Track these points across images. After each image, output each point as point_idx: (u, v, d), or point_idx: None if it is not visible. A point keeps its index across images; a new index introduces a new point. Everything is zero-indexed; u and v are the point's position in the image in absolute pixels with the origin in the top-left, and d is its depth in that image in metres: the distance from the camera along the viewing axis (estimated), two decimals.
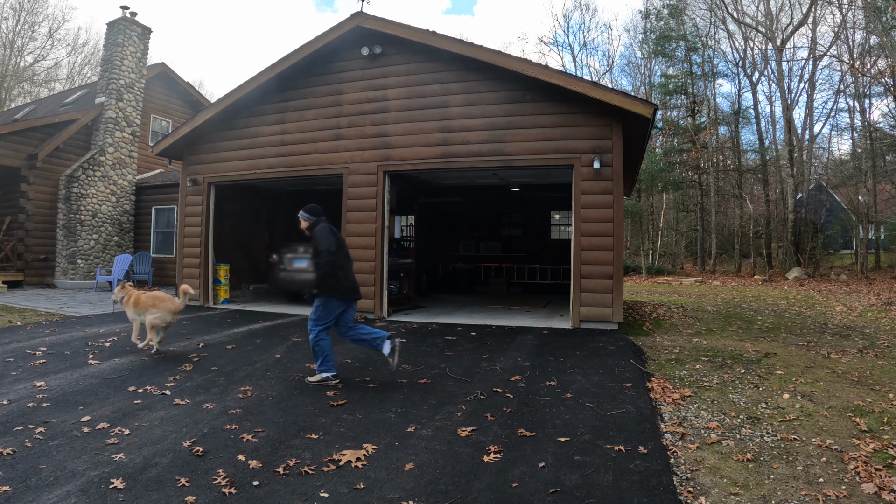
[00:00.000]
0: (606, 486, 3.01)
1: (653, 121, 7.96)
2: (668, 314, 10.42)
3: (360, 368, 5.61)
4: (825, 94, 37.51)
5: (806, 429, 3.95)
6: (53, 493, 2.84)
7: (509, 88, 8.57)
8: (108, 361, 5.69)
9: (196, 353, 6.22)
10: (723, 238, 26.14)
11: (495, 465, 3.30)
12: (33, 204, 14.00)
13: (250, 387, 4.82)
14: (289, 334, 7.42)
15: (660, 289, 17.60)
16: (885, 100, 22.89)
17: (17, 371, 5.23)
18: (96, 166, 14.72)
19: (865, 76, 21.08)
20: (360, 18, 9.06)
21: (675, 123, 26.06)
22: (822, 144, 30.34)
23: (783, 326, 9.05)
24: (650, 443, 3.59)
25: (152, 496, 2.84)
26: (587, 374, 5.35)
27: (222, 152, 10.46)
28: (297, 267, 10.65)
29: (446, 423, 3.98)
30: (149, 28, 15.69)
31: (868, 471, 3.20)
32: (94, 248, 14.72)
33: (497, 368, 5.62)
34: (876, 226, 23.55)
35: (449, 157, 8.84)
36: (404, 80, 9.17)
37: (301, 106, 9.87)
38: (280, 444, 3.56)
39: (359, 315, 9.12)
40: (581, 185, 8.13)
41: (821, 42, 26.68)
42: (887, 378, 5.49)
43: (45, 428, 3.74)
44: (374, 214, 9.20)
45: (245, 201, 11.84)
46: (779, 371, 5.65)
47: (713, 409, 4.42)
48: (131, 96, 15.30)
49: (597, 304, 7.99)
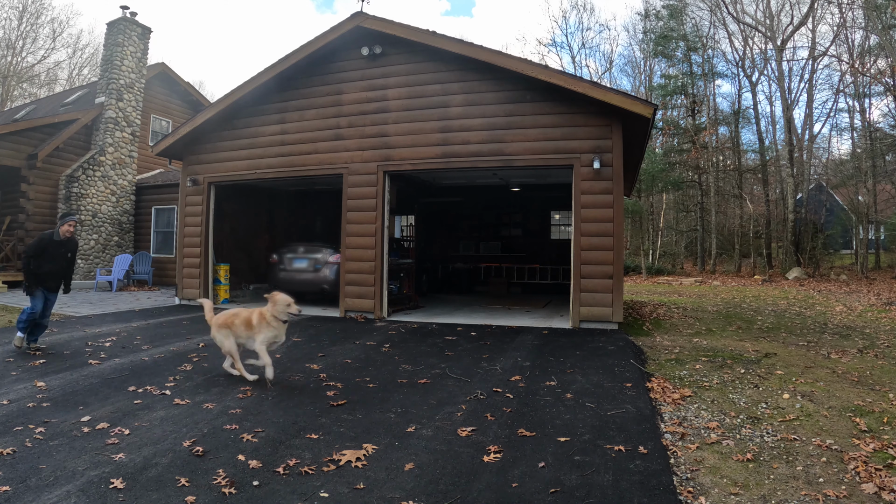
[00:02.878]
0: (606, 486, 3.01)
1: (653, 121, 7.96)
2: (668, 314, 10.42)
3: (360, 368, 5.61)
4: (825, 94, 37.57)
5: (806, 429, 3.95)
6: (53, 493, 2.84)
7: (509, 88, 8.57)
8: (108, 361, 5.69)
9: (196, 353, 6.22)
10: (723, 238, 26.13)
11: (495, 465, 3.30)
12: (33, 204, 14.00)
13: (250, 387, 4.82)
14: (289, 334, 7.38)
15: (660, 289, 17.60)
16: (884, 99, 22.93)
17: (17, 371, 5.23)
18: (96, 166, 14.72)
19: (865, 76, 21.09)
20: (360, 18, 9.05)
21: (675, 123, 26.06)
22: (822, 144, 30.39)
23: (783, 326, 9.05)
24: (650, 443, 3.59)
25: (152, 496, 2.84)
26: (587, 374, 5.35)
27: (222, 152, 10.45)
28: (297, 267, 10.66)
29: (446, 423, 3.98)
30: (149, 28, 15.70)
31: (868, 471, 3.20)
32: (94, 248, 14.72)
33: (497, 368, 5.61)
34: (876, 226, 23.55)
35: (449, 157, 8.83)
36: (404, 80, 9.17)
37: (301, 106, 9.87)
38: (280, 444, 3.55)
39: (359, 315, 9.13)
40: (581, 185, 8.13)
41: (821, 42, 26.71)
42: (887, 378, 5.49)
43: (45, 428, 3.74)
44: (374, 214, 9.20)
45: (245, 201, 11.84)
46: (779, 371, 5.64)
47: (713, 409, 4.42)
48: (131, 96, 15.30)
49: (597, 304, 7.99)
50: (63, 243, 6.09)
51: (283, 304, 4.87)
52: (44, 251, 5.96)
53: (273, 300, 4.92)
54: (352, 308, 9.25)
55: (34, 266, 5.95)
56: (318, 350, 6.45)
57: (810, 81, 24.16)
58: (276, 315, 4.91)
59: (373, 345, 6.80)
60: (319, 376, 5.24)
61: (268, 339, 4.94)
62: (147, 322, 8.40)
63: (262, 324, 4.91)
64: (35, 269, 5.96)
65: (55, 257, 6.05)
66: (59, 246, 6.06)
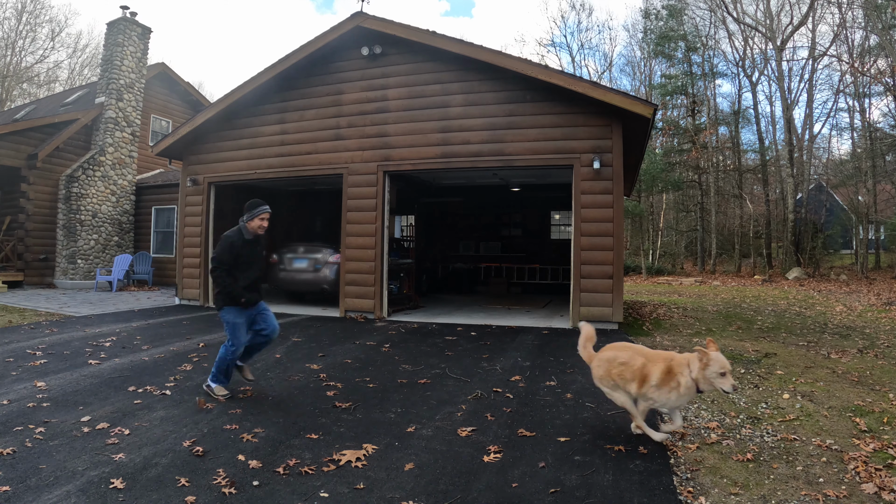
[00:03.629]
0: (606, 486, 3.01)
1: (653, 121, 7.96)
2: (668, 314, 10.42)
3: (360, 368, 5.61)
4: (825, 94, 37.61)
5: (806, 429, 3.95)
6: (53, 493, 2.84)
7: (509, 88, 8.57)
8: (108, 361, 5.69)
9: (196, 353, 6.22)
10: (723, 238, 26.14)
11: (495, 465, 3.29)
12: (33, 204, 14.00)
13: (250, 386, 4.82)
14: (289, 334, 7.42)
15: (660, 289, 17.60)
16: (884, 99, 22.93)
17: (17, 371, 5.23)
18: (96, 166, 14.72)
19: (865, 76, 21.09)
20: (360, 18, 9.06)
21: (675, 123, 26.06)
22: (822, 144, 30.41)
23: (783, 326, 9.05)
24: (650, 443, 3.59)
25: (152, 496, 2.84)
26: (587, 374, 5.34)
27: (222, 152, 10.46)
28: (297, 267, 10.66)
29: (446, 423, 3.98)
30: (149, 28, 15.70)
31: (868, 471, 3.20)
32: (94, 248, 14.72)
33: (497, 368, 5.61)
34: (876, 226, 23.55)
35: (449, 157, 8.83)
36: (404, 80, 9.17)
37: (301, 106, 9.87)
38: (280, 444, 3.55)
39: (359, 315, 9.13)
40: (581, 185, 8.13)
41: (821, 42, 26.72)
42: (887, 378, 5.49)
43: (45, 428, 3.74)
44: (374, 214, 9.20)
45: (245, 201, 11.82)
46: (779, 371, 5.65)
47: (713, 408, 4.42)
48: (131, 96, 15.30)
49: (597, 304, 7.99)
50: (254, 242, 4.70)
51: (717, 368, 3.26)
52: (237, 258, 4.55)
53: (705, 359, 3.29)
54: (352, 308, 9.25)
55: (232, 281, 4.49)
56: (318, 350, 6.45)
57: (810, 81, 24.19)
58: (699, 380, 3.33)
59: (373, 345, 6.80)
60: (319, 376, 5.24)
61: (671, 404, 3.51)
62: (147, 322, 8.40)
63: (670, 385, 3.40)
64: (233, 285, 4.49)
65: (250, 262, 4.66)
66: (251, 246, 4.68)
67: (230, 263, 4.49)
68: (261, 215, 4.67)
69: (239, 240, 4.56)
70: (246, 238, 4.61)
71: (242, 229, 4.62)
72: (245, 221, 4.65)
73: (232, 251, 4.50)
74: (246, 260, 4.60)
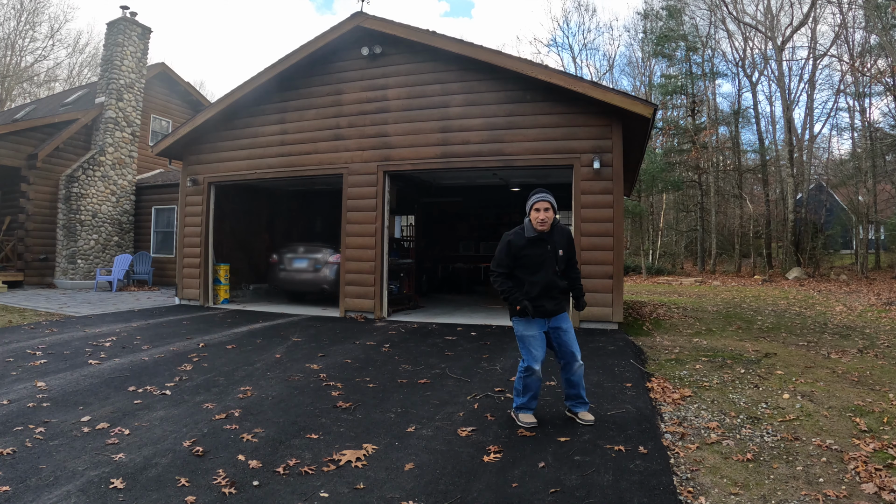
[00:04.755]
0: (606, 486, 3.01)
1: (653, 121, 7.96)
2: (668, 314, 10.41)
3: (360, 368, 5.61)
4: (825, 94, 37.62)
5: (806, 429, 3.95)
6: (53, 493, 2.84)
7: (509, 88, 8.57)
8: (108, 361, 5.69)
9: (196, 353, 6.22)
10: (723, 238, 26.14)
11: (495, 465, 3.30)
12: (33, 204, 14.00)
13: (250, 387, 4.82)
14: (289, 334, 7.42)
15: (660, 289, 17.60)
16: (884, 99, 22.92)
17: (17, 371, 5.23)
18: (96, 166, 14.72)
19: (865, 76, 21.09)
20: (360, 18, 9.05)
21: (675, 123, 26.05)
22: (822, 144, 30.40)
23: (783, 326, 9.05)
24: (650, 443, 3.59)
25: (152, 496, 2.84)
26: (587, 374, 5.34)
27: (222, 152, 10.46)
28: (297, 267, 10.66)
29: (446, 423, 3.98)
30: (149, 28, 15.70)
31: (868, 471, 3.20)
32: (94, 248, 14.72)
33: (497, 368, 5.61)
34: (876, 226, 23.55)
35: (449, 157, 8.83)
36: (404, 80, 9.17)
37: (301, 106, 9.87)
38: (280, 444, 3.55)
39: (359, 315, 9.13)
40: (581, 185, 8.13)
41: (821, 42, 26.75)
42: (887, 378, 5.48)
43: (45, 428, 3.74)
44: (374, 214, 9.19)
45: (245, 201, 11.84)
46: (779, 371, 5.64)
47: (713, 409, 4.42)
48: (131, 96, 15.30)
49: (597, 304, 7.98)
50: (541, 240, 3.96)
51: None
52: (517, 259, 3.95)
53: None
54: (352, 308, 9.25)
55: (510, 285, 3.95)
56: (318, 350, 6.45)
57: (810, 81, 24.18)
58: None
59: (373, 345, 6.80)
60: (319, 376, 5.24)
61: None
62: (147, 322, 8.40)
63: None
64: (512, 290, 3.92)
65: (539, 263, 3.95)
66: (538, 245, 3.95)
67: (509, 265, 3.97)
68: (535, 205, 3.96)
69: (518, 239, 3.96)
70: (528, 236, 3.95)
71: (525, 226, 4.00)
72: (527, 217, 4.03)
73: (510, 252, 3.95)
74: (532, 262, 3.95)
